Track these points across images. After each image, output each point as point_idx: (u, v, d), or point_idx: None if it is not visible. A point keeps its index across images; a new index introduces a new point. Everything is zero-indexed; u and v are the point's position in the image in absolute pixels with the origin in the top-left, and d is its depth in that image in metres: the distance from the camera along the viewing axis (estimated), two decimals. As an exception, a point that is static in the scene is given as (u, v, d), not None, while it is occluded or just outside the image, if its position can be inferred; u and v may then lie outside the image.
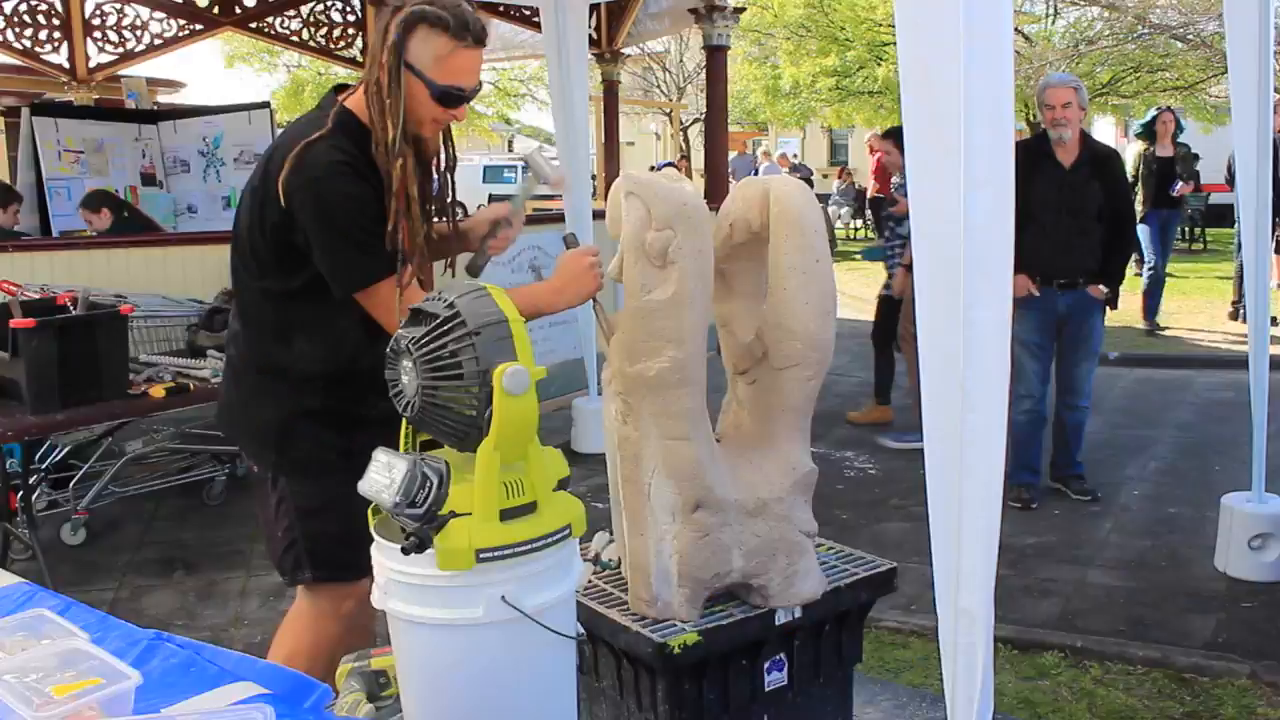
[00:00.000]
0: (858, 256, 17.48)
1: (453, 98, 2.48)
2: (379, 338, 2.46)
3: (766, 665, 2.61)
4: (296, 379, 2.63)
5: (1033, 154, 5.34)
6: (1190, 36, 15.83)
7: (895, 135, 7.10)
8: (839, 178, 23.65)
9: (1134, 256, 9.63)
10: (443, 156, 2.73)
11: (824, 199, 21.33)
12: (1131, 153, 11.06)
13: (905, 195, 2.93)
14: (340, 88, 2.67)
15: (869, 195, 19.14)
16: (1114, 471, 6.17)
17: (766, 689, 2.62)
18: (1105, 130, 28.22)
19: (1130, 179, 10.40)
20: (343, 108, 2.52)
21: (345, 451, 2.52)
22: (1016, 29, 18.25)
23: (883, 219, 7.26)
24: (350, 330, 2.58)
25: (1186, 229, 19.05)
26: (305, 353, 2.62)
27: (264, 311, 2.65)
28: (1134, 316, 11.27)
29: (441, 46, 2.42)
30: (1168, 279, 11.23)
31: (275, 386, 2.66)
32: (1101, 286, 5.46)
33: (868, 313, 12.60)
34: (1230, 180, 6.89)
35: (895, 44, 2.08)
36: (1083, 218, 5.32)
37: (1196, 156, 11.71)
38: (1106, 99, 19.63)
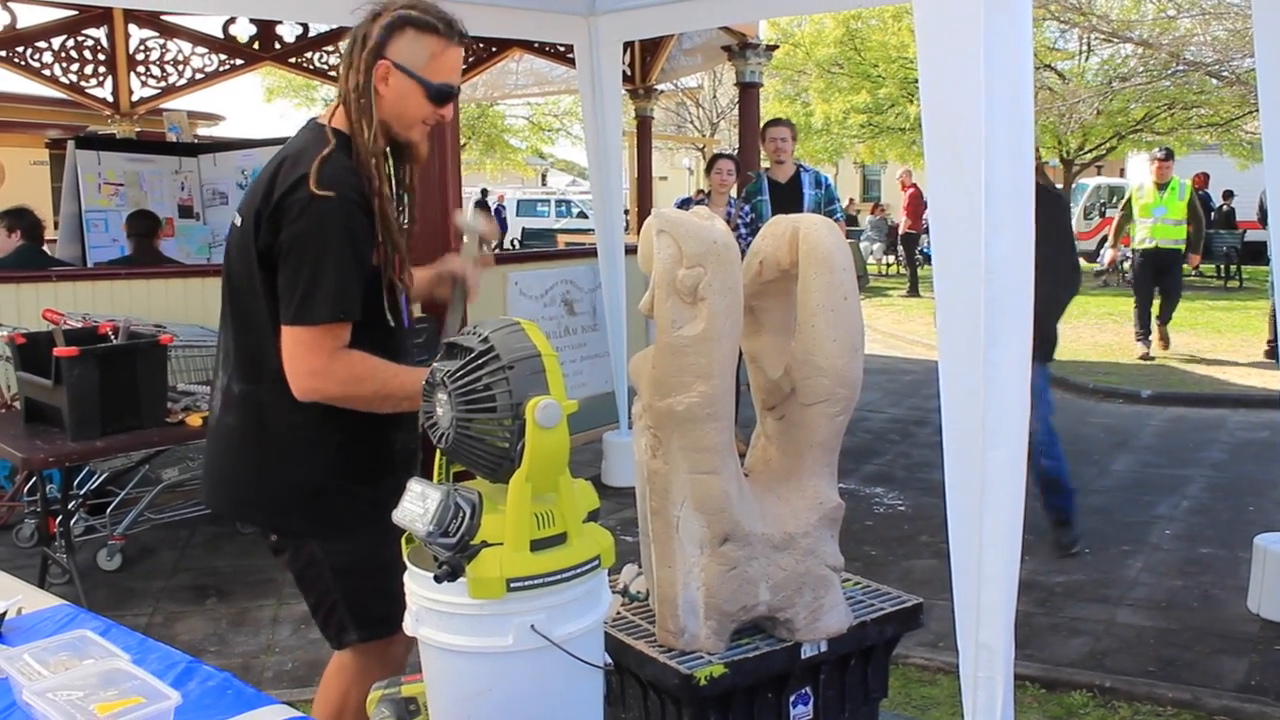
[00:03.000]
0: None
1: (445, 95, 2.44)
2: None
3: (792, 699, 2.63)
4: (323, 431, 2.45)
5: None
6: (1225, 73, 15.80)
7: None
8: (871, 213, 23.67)
9: None
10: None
11: (856, 235, 21.37)
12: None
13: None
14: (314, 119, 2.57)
15: (901, 231, 19.16)
16: (1146, 510, 6.13)
17: (792, 722, 2.63)
18: (1140, 168, 28.13)
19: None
20: (332, 127, 2.43)
21: (374, 501, 2.41)
22: (1050, 66, 18.29)
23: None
24: None
25: (1222, 266, 18.95)
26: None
27: (278, 364, 2.39)
28: (1165, 355, 11.22)
29: (434, 46, 2.40)
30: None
31: (300, 445, 2.47)
32: None
33: (899, 349, 12.66)
34: (1263, 218, 6.84)
35: (923, 86, 2.12)
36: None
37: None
38: (1141, 136, 19.58)
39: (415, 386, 2.25)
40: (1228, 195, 20.50)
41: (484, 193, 29.12)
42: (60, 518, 4.81)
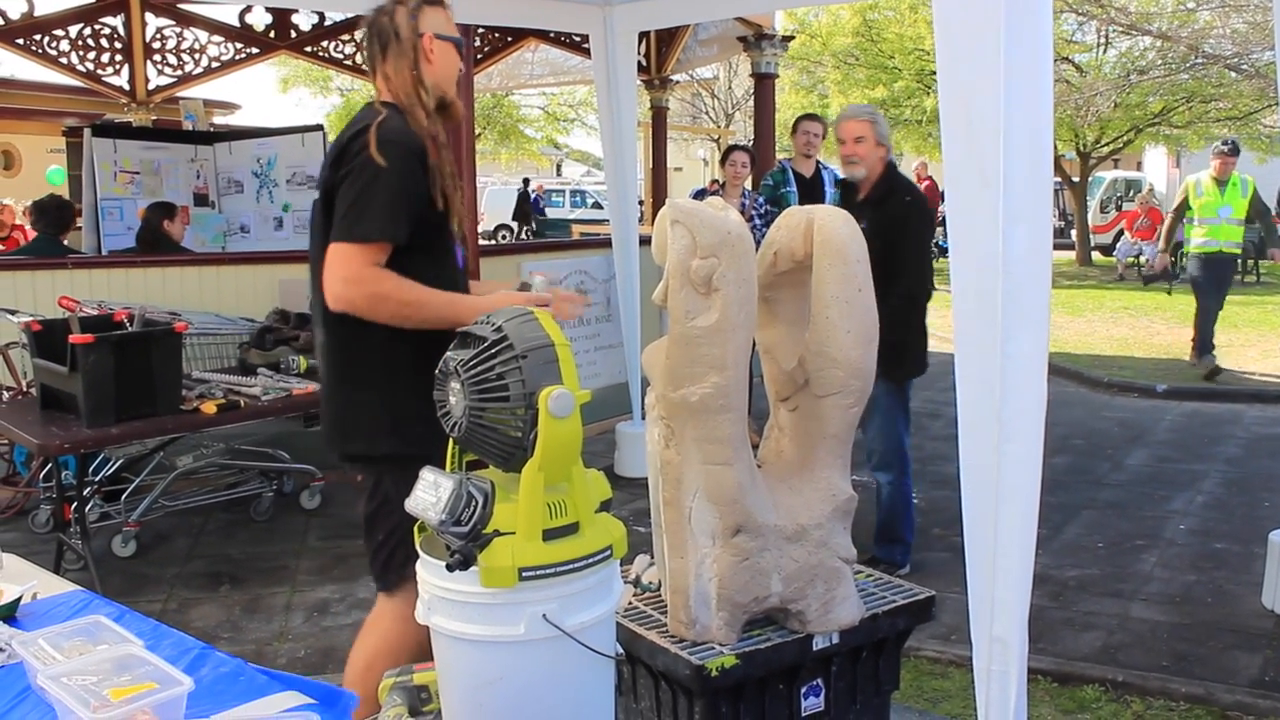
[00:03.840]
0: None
1: (461, 46, 2.88)
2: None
3: (803, 690, 2.63)
4: (398, 357, 2.68)
5: (847, 193, 4.92)
6: (1244, 66, 15.70)
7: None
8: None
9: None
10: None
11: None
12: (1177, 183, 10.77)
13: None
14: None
15: (916, 223, 19.08)
16: (1160, 505, 6.11)
17: (803, 714, 2.63)
18: (1157, 161, 28.00)
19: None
20: (382, 101, 2.78)
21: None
22: (1068, 58, 18.20)
23: None
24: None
25: (1239, 260, 18.84)
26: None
27: None
28: (1182, 349, 11.18)
29: (445, 12, 2.84)
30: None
31: (379, 372, 2.72)
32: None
33: (913, 341, 12.61)
34: (1281, 212, 6.72)
35: (939, 77, 2.11)
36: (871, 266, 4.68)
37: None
38: (1158, 129, 19.49)
39: (443, 306, 2.62)
40: (1246, 189, 20.36)
41: (526, 182, 29.24)
42: (75, 504, 4.83)
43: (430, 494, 1.97)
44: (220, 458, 5.84)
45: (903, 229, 4.71)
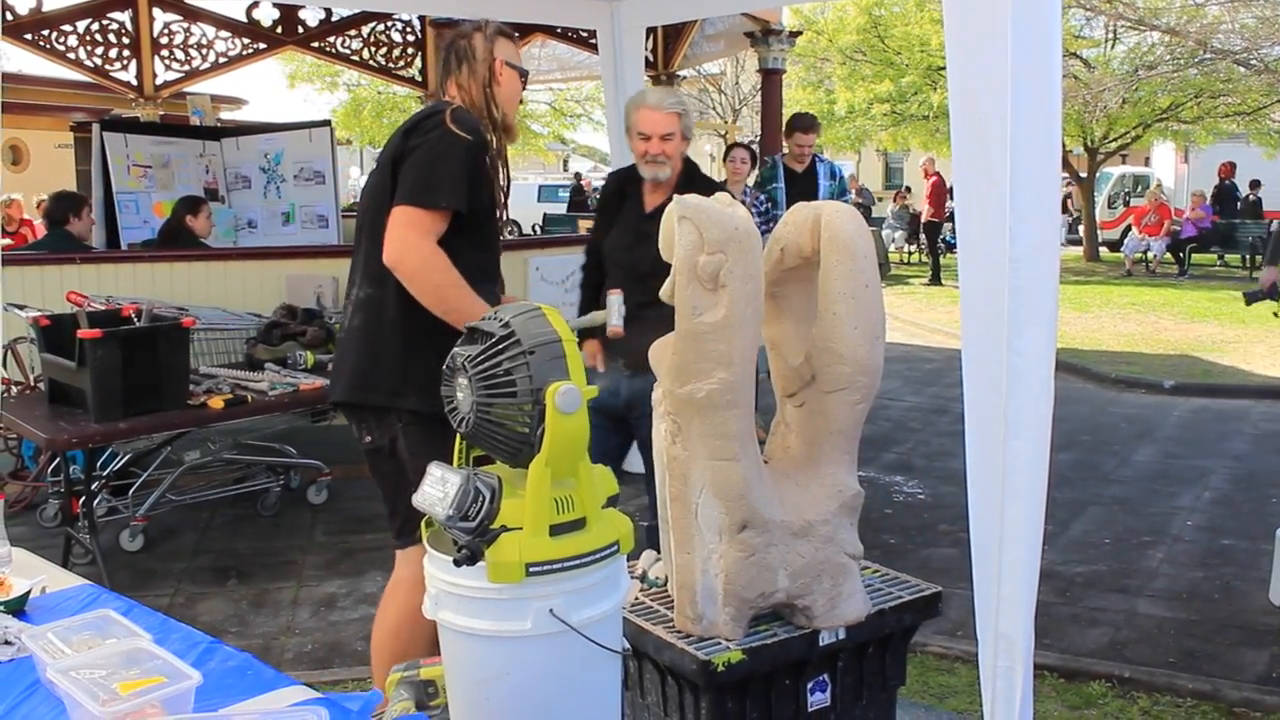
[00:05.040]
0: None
1: (526, 77, 3.20)
2: (481, 273, 2.94)
3: (810, 685, 2.63)
4: (434, 324, 2.82)
5: (620, 188, 4.18)
6: (1253, 61, 15.64)
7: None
8: (894, 201, 23.57)
9: None
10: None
11: (878, 222, 21.25)
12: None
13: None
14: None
15: (923, 219, 19.07)
16: (1167, 501, 6.10)
17: (809, 709, 2.64)
18: (1165, 157, 27.91)
19: None
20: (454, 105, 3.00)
21: None
22: (1075, 54, 18.15)
23: None
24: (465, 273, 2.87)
25: (1246, 256, 18.81)
26: None
27: None
28: (1189, 345, 11.16)
29: (514, 46, 3.16)
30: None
31: (414, 333, 2.88)
32: None
33: (920, 337, 12.61)
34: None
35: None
36: (658, 281, 3.77)
37: None
38: (1166, 125, 19.43)
39: (470, 304, 2.78)
40: (1254, 185, 20.33)
41: (578, 176, 29.28)
42: (83, 498, 4.84)
43: (437, 489, 1.97)
44: (227, 453, 5.85)
45: None
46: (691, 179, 3.98)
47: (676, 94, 4.15)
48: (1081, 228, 22.22)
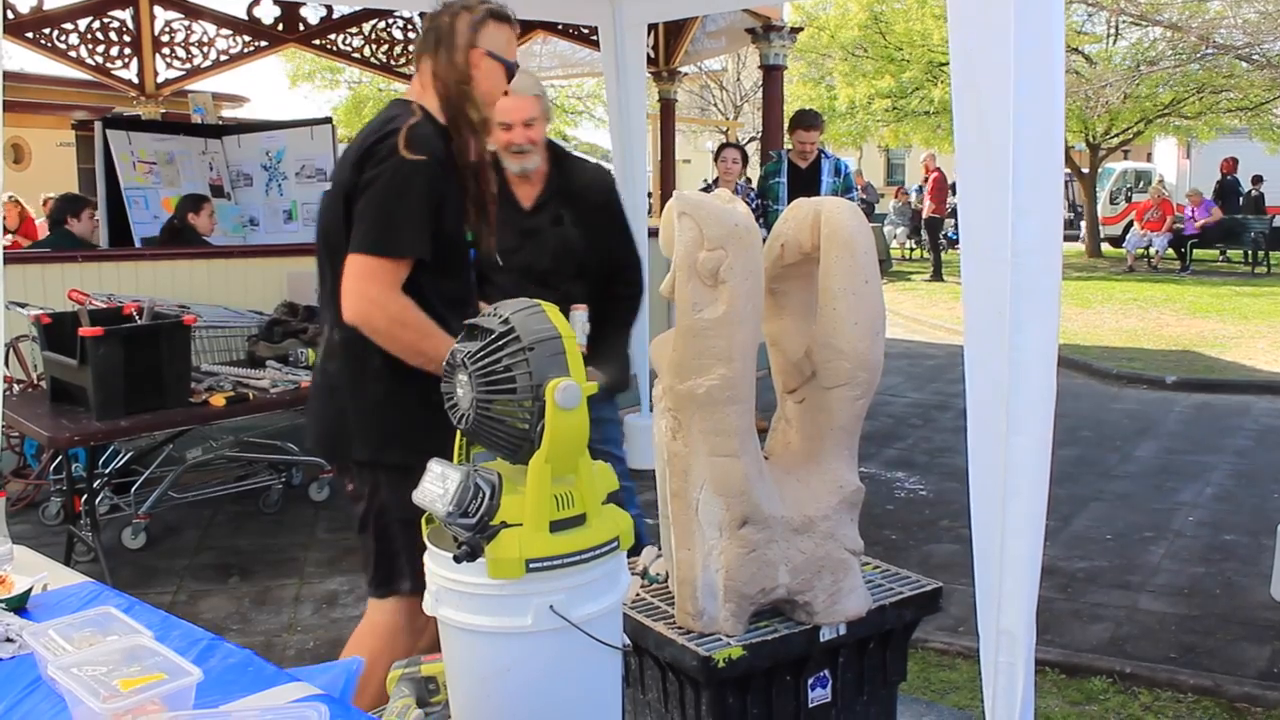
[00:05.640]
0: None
1: (514, 72, 2.82)
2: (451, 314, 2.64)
3: (810, 681, 2.63)
4: (412, 369, 2.62)
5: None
6: (1256, 56, 15.63)
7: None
8: (895, 197, 23.55)
9: None
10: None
11: (879, 219, 21.23)
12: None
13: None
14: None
15: (924, 215, 19.07)
16: (1169, 497, 6.10)
17: (810, 705, 2.64)
18: (1167, 152, 27.86)
19: None
20: (419, 103, 2.72)
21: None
22: (1077, 49, 18.13)
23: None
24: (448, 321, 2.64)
25: (1250, 252, 18.80)
26: None
27: None
28: (1191, 341, 11.16)
29: (507, 33, 2.77)
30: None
31: (399, 382, 2.66)
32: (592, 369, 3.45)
33: (922, 333, 12.61)
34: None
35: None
36: (560, 278, 3.67)
37: None
38: (1168, 120, 19.41)
39: (445, 350, 2.39)
40: (1257, 180, 20.31)
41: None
42: (85, 496, 4.85)
43: (438, 486, 1.97)
44: (229, 450, 5.85)
45: (616, 208, 3.98)
46: (561, 161, 3.80)
47: (530, 74, 3.74)
48: (1084, 223, 22.21)
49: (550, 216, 3.72)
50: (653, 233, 6.36)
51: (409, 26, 10.05)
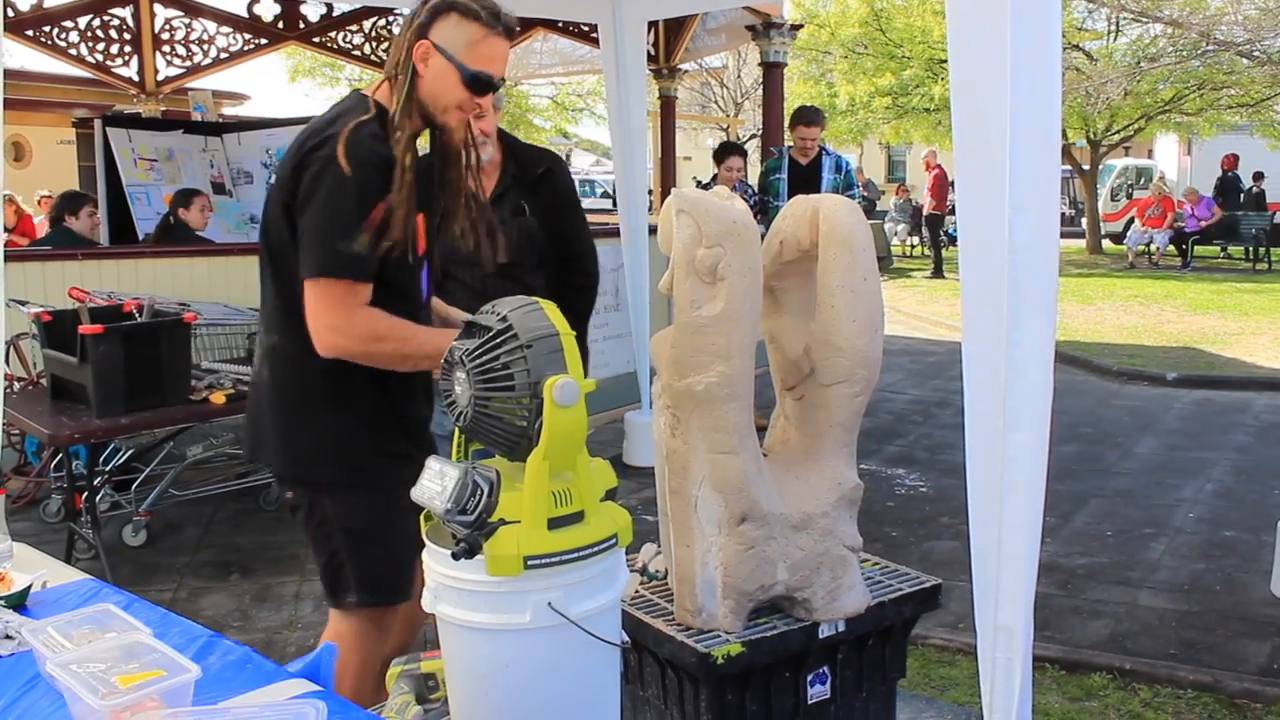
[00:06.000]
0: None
1: (481, 83, 2.47)
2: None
3: (809, 678, 2.63)
4: (351, 383, 2.51)
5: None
6: (1257, 53, 15.61)
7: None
8: (896, 194, 23.55)
9: None
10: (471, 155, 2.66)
11: (880, 215, 21.22)
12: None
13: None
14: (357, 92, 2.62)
15: (925, 212, 19.06)
16: (1169, 493, 6.10)
17: (809, 701, 2.64)
18: (1168, 149, 27.84)
19: None
20: (375, 99, 2.49)
21: (393, 455, 2.54)
22: (1078, 46, 18.11)
23: None
24: None
25: (1250, 249, 18.79)
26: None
27: (299, 314, 2.45)
28: (1192, 337, 11.16)
29: (474, 33, 2.43)
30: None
31: (330, 396, 2.53)
32: None
33: (922, 330, 12.61)
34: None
35: (949, 65, 2.11)
36: (523, 271, 3.62)
37: None
38: (1169, 117, 19.40)
39: (434, 346, 2.39)
40: (1258, 177, 20.31)
41: None
42: (86, 494, 4.86)
43: (436, 483, 1.97)
44: (229, 447, 5.85)
45: (571, 191, 3.94)
46: (515, 151, 3.71)
47: None
48: (1085, 220, 22.20)
49: (511, 207, 3.62)
50: (652, 230, 6.38)
51: (409, 24, 10.04)
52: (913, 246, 22.05)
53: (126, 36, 8.93)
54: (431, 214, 2.63)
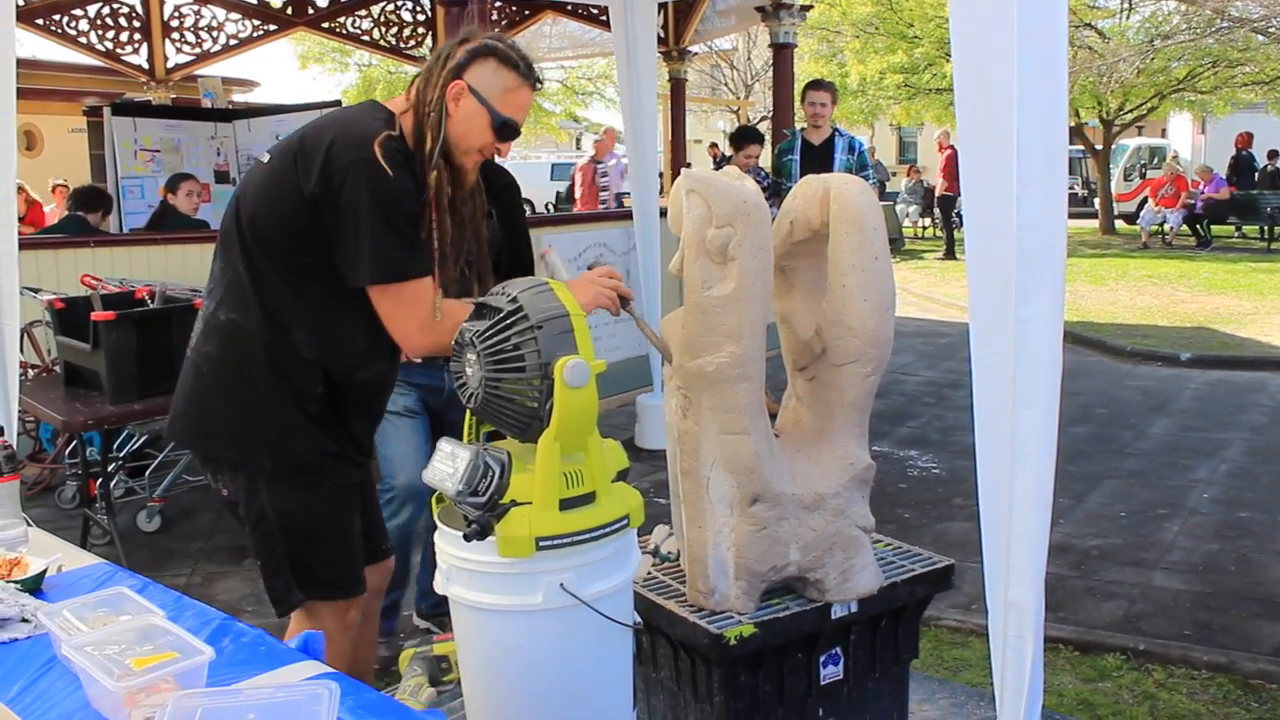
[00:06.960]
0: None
1: (509, 129, 2.49)
2: (375, 351, 2.50)
3: (822, 659, 2.63)
4: (301, 370, 2.46)
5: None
6: (1272, 29, 15.49)
7: None
8: (907, 175, 23.46)
9: None
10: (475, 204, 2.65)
11: (891, 197, 21.14)
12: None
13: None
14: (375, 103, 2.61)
15: (937, 193, 18.98)
16: (1184, 474, 6.08)
17: (822, 682, 2.64)
18: (1182, 128, 27.69)
19: None
20: (398, 119, 2.47)
21: (335, 453, 2.50)
22: (1090, 24, 17.98)
23: None
24: (351, 339, 2.48)
25: (1266, 228, 18.67)
26: (307, 348, 2.46)
27: (269, 299, 2.44)
28: (1206, 317, 11.11)
29: (510, 80, 2.46)
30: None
31: (277, 381, 2.46)
32: None
33: (934, 311, 12.58)
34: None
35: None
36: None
37: None
38: (1183, 95, 19.27)
39: (460, 316, 2.29)
40: (1273, 155, 20.15)
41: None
42: (100, 480, 4.88)
43: (447, 465, 1.98)
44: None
45: (522, 213, 4.05)
46: (481, 165, 3.65)
47: None
48: (1098, 200, 22.09)
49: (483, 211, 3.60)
50: (663, 212, 6.37)
51: (418, 9, 10.05)
52: (924, 228, 21.97)
53: (136, 24, 8.94)
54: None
